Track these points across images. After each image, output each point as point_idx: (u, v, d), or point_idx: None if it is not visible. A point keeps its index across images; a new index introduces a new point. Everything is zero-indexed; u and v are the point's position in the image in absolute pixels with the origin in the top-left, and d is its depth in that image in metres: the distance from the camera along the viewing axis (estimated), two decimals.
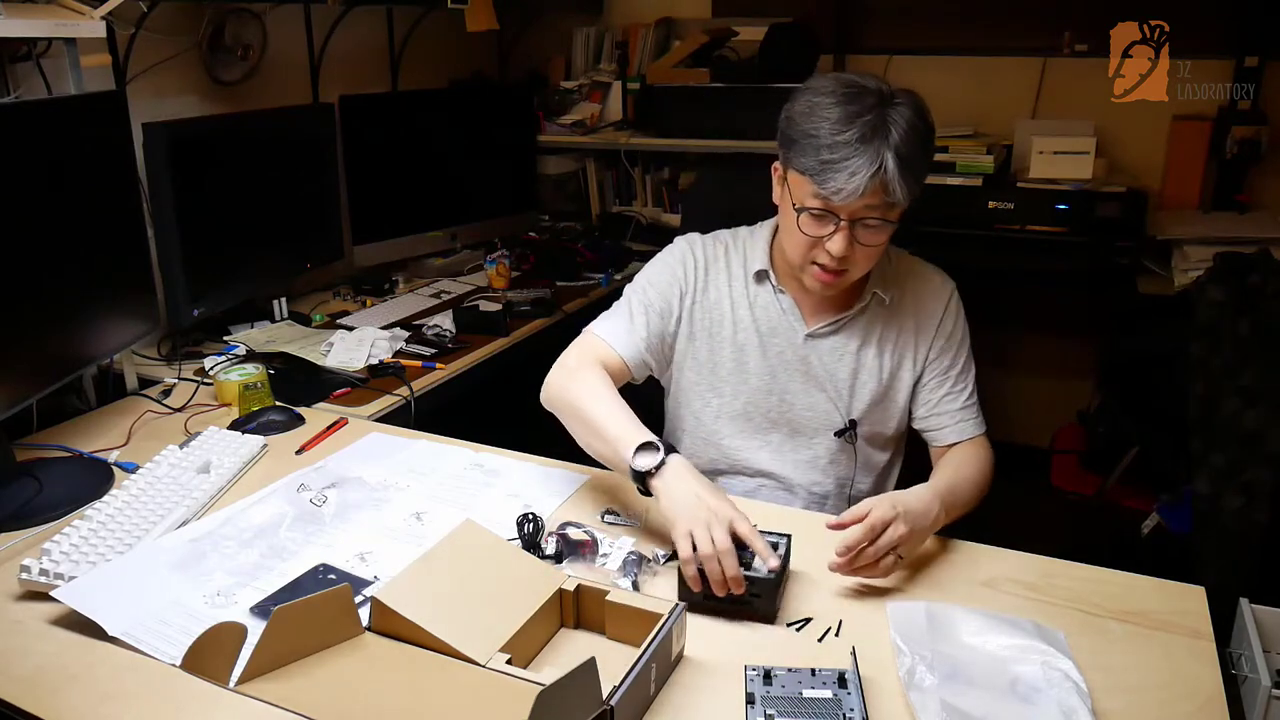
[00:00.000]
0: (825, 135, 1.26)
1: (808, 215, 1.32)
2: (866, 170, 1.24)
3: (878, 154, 1.24)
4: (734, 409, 1.51)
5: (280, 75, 2.48)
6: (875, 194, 1.27)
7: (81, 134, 1.57)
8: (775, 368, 1.49)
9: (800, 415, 1.50)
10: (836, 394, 1.47)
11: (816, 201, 1.30)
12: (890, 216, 1.31)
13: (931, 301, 1.48)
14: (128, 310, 1.70)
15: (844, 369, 1.47)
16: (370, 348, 2.05)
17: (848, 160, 1.24)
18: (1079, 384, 2.94)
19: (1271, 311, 1.85)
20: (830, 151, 1.25)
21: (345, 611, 1.04)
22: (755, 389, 1.50)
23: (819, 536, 1.31)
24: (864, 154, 1.24)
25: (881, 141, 1.25)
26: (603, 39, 3.29)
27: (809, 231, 1.33)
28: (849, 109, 1.26)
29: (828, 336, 1.47)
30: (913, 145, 1.26)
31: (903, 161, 1.25)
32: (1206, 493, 1.89)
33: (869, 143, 1.24)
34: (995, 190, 2.63)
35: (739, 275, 1.50)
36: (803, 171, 1.30)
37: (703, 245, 1.53)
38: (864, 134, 1.24)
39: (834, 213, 1.30)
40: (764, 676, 0.99)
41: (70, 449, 1.57)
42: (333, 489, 1.40)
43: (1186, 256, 2.35)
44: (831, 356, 1.47)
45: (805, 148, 1.28)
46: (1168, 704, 0.98)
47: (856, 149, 1.24)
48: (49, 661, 1.04)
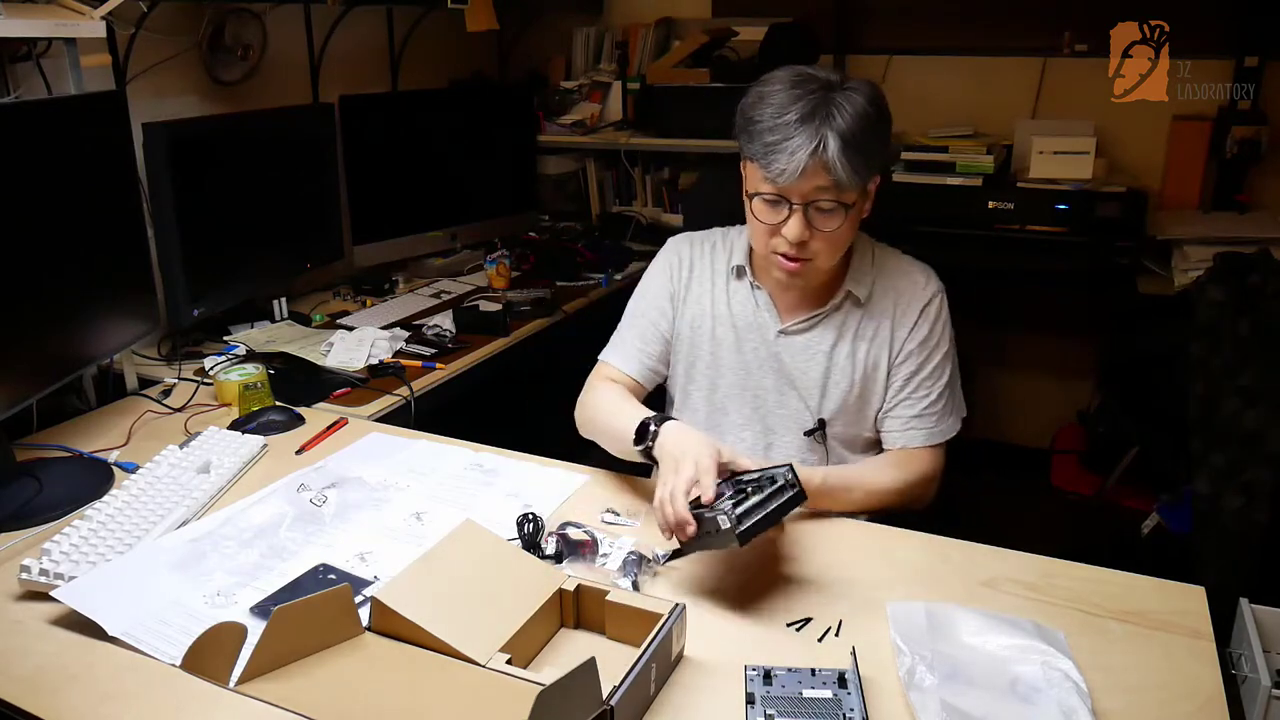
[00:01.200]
0: (768, 119, 1.28)
1: (760, 201, 1.34)
2: (805, 148, 1.25)
3: (817, 133, 1.26)
4: (711, 403, 1.53)
5: (280, 75, 2.48)
6: (818, 174, 1.27)
7: (81, 134, 1.57)
8: (750, 363, 1.49)
9: (773, 412, 1.50)
10: (808, 392, 1.47)
11: (767, 186, 1.32)
12: (844, 199, 1.31)
13: (911, 301, 1.45)
14: (128, 310, 1.70)
15: (816, 367, 1.46)
16: (370, 348, 2.05)
17: (788, 140, 1.26)
18: (1079, 384, 2.94)
19: (1271, 311, 1.85)
20: (772, 134, 1.27)
21: (345, 611, 1.04)
22: (730, 384, 1.51)
23: (818, 536, 1.31)
24: (803, 133, 1.26)
25: (822, 121, 1.26)
26: (603, 39, 3.29)
27: (763, 218, 1.34)
28: (793, 93, 1.28)
29: (801, 333, 1.47)
30: (858, 128, 1.27)
31: (845, 142, 1.26)
32: (1206, 493, 1.89)
33: (808, 122, 1.26)
34: (995, 190, 2.63)
35: (721, 271, 1.52)
36: (751, 158, 1.32)
37: (690, 244, 1.55)
38: (804, 115, 1.26)
39: (785, 197, 1.31)
40: (764, 676, 0.99)
41: (70, 449, 1.57)
42: (333, 489, 1.40)
43: (1186, 256, 2.35)
44: (803, 354, 1.47)
45: (752, 134, 1.31)
46: (1168, 704, 0.98)
47: (796, 128, 1.26)
48: (49, 661, 1.04)
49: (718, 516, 1.11)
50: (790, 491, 1.17)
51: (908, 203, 2.64)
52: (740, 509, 1.12)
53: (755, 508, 1.13)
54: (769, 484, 1.18)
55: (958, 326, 1.49)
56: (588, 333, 1.56)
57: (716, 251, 1.53)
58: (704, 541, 1.14)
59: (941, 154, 2.67)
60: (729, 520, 1.10)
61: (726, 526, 1.10)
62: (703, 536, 1.14)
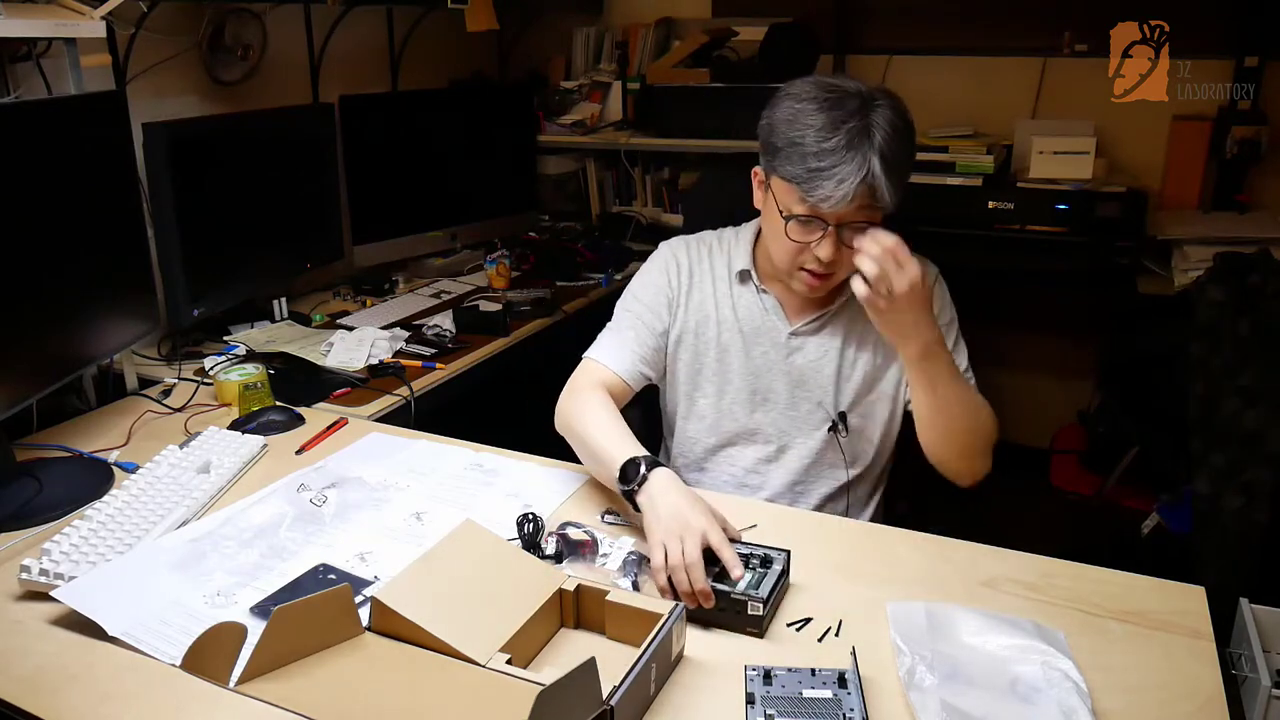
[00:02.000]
0: (811, 143, 1.26)
1: (795, 222, 1.32)
2: (854, 178, 1.24)
3: (865, 160, 1.24)
4: (719, 408, 1.52)
5: (280, 75, 2.48)
6: (863, 198, 1.27)
7: (81, 134, 1.57)
8: (759, 367, 1.49)
9: (784, 415, 1.50)
10: (822, 390, 1.47)
11: (803, 208, 1.30)
12: (876, 219, 1.31)
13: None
14: (128, 310, 1.70)
15: (829, 365, 1.47)
16: (370, 348, 2.05)
17: (835, 168, 1.24)
18: (1079, 384, 2.94)
19: (1271, 311, 1.85)
20: (817, 160, 1.25)
21: (345, 611, 1.04)
22: (739, 388, 1.50)
23: (820, 536, 1.31)
24: (851, 161, 1.24)
25: (867, 147, 1.25)
26: (603, 39, 3.29)
27: (797, 238, 1.33)
28: (833, 115, 1.26)
29: (811, 334, 1.47)
30: (896, 147, 1.26)
31: (888, 165, 1.25)
32: (1206, 493, 1.89)
33: (855, 149, 1.24)
34: (995, 190, 2.63)
35: (723, 276, 1.51)
36: (789, 179, 1.29)
37: (686, 248, 1.54)
38: (850, 140, 1.24)
39: (822, 219, 1.30)
40: (764, 676, 0.99)
41: (70, 449, 1.57)
42: (333, 489, 1.40)
43: (1186, 256, 2.35)
44: (816, 353, 1.47)
45: (791, 155, 1.28)
46: (1168, 704, 0.98)
47: (843, 156, 1.24)
48: (49, 661, 1.04)
49: (748, 602, 1.08)
50: (785, 580, 1.16)
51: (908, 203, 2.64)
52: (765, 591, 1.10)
53: (771, 594, 1.11)
54: (764, 563, 1.16)
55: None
56: (588, 333, 1.55)
57: (715, 256, 1.52)
58: (719, 619, 1.10)
59: (941, 154, 2.67)
60: (762, 608, 1.08)
61: (758, 614, 1.08)
62: (716, 613, 1.10)
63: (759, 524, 1.32)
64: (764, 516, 1.35)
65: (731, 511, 1.23)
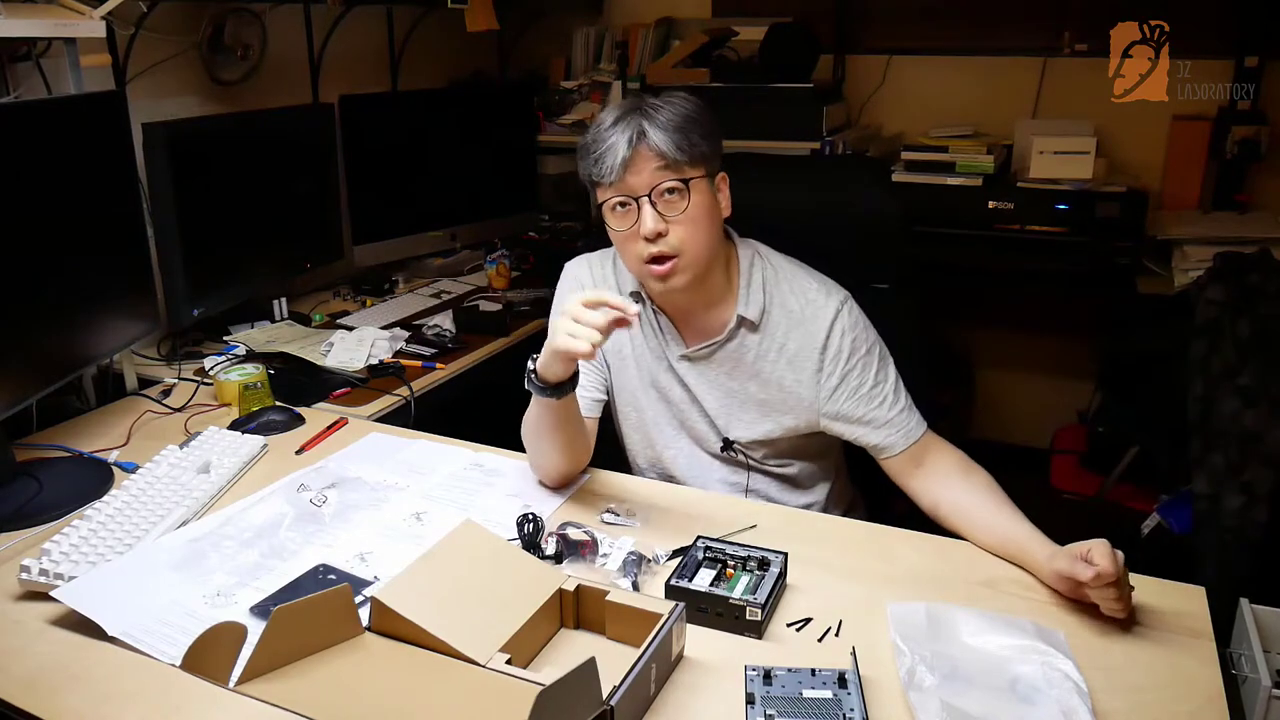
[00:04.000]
0: (590, 138, 1.35)
1: (610, 211, 1.35)
2: (624, 142, 1.29)
3: (631, 125, 1.30)
4: (644, 421, 1.52)
5: (280, 75, 2.48)
6: (646, 158, 1.30)
7: (81, 134, 1.57)
8: (662, 384, 1.49)
9: (695, 427, 1.49)
10: (714, 413, 1.46)
11: (609, 193, 1.33)
12: (683, 175, 1.31)
13: (812, 322, 1.40)
14: (127, 310, 1.70)
15: (717, 391, 1.45)
16: (370, 348, 2.05)
17: (608, 141, 1.31)
18: (1079, 384, 2.94)
19: (1271, 311, 1.85)
20: (597, 146, 1.33)
21: (345, 611, 1.04)
22: (653, 401, 1.50)
23: (819, 536, 1.31)
24: (621, 130, 1.31)
25: (636, 117, 1.31)
26: (603, 39, 3.29)
27: (619, 226, 1.35)
28: (611, 113, 1.35)
29: (700, 361, 1.45)
30: (674, 114, 1.32)
31: (662, 124, 1.30)
32: (1206, 493, 1.89)
33: (624, 120, 1.31)
34: (995, 190, 2.62)
35: (623, 295, 1.47)
36: (590, 178, 1.35)
37: (589, 266, 1.55)
38: (618, 118, 1.32)
39: (629, 197, 1.32)
40: (764, 676, 0.99)
41: (70, 449, 1.57)
42: (333, 489, 1.40)
43: (1186, 256, 2.35)
44: (702, 381, 1.46)
45: (585, 157, 1.36)
46: (1168, 704, 0.98)
47: (613, 129, 1.31)
48: (49, 661, 1.04)
49: (746, 607, 1.08)
50: (782, 582, 1.15)
51: (908, 203, 2.63)
52: (762, 596, 1.09)
53: (769, 597, 1.10)
54: (762, 565, 1.15)
55: (958, 327, 1.47)
56: None
57: (619, 273, 1.50)
58: (717, 624, 1.10)
59: (941, 154, 2.67)
60: (760, 613, 1.07)
61: (756, 619, 1.08)
62: (712, 615, 1.10)
63: (758, 524, 1.32)
64: (763, 516, 1.35)
65: (731, 511, 1.23)
